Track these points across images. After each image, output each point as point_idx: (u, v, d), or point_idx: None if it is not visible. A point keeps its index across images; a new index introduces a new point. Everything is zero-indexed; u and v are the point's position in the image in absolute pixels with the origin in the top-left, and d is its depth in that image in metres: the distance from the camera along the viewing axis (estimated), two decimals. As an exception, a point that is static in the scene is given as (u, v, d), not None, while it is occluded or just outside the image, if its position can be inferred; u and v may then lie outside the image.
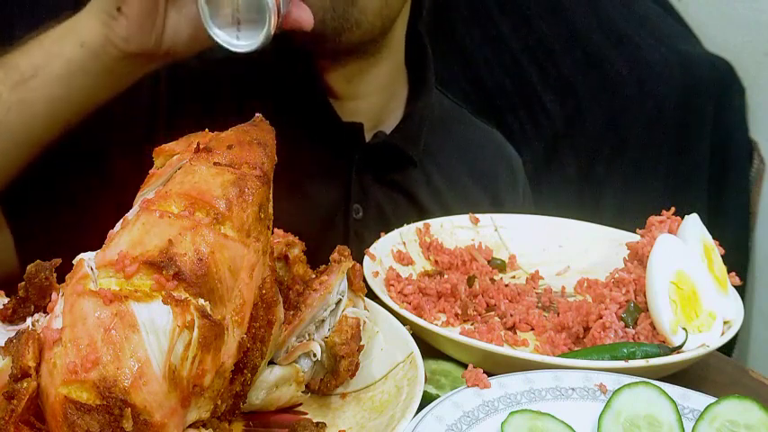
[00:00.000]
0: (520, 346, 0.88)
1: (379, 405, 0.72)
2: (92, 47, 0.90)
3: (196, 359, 0.56)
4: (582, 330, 0.88)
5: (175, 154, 0.67)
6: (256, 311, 0.63)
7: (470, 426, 0.68)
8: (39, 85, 0.91)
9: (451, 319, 0.93)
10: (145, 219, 0.60)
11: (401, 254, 1.04)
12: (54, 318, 0.57)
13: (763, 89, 2.13)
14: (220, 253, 0.59)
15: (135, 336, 0.54)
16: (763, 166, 2.15)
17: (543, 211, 1.19)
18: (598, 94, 2.09)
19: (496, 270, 1.06)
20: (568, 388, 0.74)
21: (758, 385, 0.88)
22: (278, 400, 0.72)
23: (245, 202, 0.62)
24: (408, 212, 1.18)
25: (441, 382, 0.80)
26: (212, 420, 0.61)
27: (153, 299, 0.56)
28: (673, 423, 0.69)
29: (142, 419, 0.54)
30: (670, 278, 0.86)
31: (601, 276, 1.00)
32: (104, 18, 0.89)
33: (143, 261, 0.57)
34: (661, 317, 0.84)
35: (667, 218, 0.97)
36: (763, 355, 2.13)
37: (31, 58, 0.92)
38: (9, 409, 0.53)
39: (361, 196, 1.18)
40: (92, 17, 0.90)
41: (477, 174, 1.32)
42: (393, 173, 1.22)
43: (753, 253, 2.18)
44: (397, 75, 1.26)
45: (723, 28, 2.18)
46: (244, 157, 0.64)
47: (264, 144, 0.67)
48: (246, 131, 0.68)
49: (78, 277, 0.58)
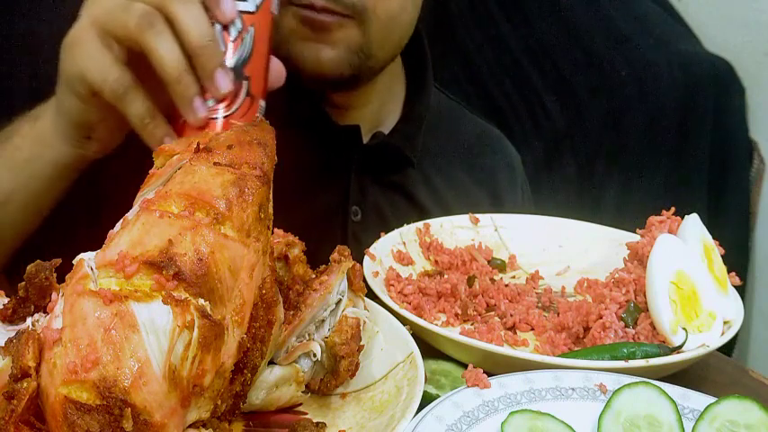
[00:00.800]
0: (520, 346, 0.88)
1: (379, 405, 0.72)
2: (65, 164, 0.89)
3: (196, 359, 0.56)
4: (582, 330, 0.88)
5: (175, 154, 0.67)
6: (256, 311, 0.63)
7: (470, 426, 0.68)
8: (12, 209, 0.92)
9: (451, 319, 0.93)
10: (145, 219, 0.60)
11: (401, 254, 1.04)
12: (54, 318, 0.57)
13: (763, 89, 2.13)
14: (220, 253, 0.59)
15: (135, 336, 0.54)
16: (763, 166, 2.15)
17: (543, 211, 1.19)
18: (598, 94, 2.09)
19: (496, 270, 1.06)
20: (568, 388, 0.74)
21: (758, 385, 0.88)
22: (278, 400, 0.72)
23: (245, 202, 0.62)
24: (408, 213, 1.18)
25: (441, 382, 0.80)
26: (212, 420, 0.61)
27: (153, 299, 0.56)
28: (673, 423, 0.69)
29: (142, 419, 0.54)
30: (670, 278, 0.86)
31: (601, 276, 1.00)
32: (74, 143, 0.87)
33: (143, 261, 0.57)
34: (661, 317, 0.84)
35: (667, 218, 0.97)
36: (763, 355, 2.13)
37: (1, 183, 0.91)
38: (9, 409, 0.53)
39: (360, 198, 1.18)
40: (60, 141, 0.87)
41: (476, 172, 1.32)
42: (392, 174, 1.22)
43: (753, 253, 2.18)
44: (394, 75, 1.26)
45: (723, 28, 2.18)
46: (244, 157, 0.64)
47: (264, 144, 0.67)
48: (246, 131, 0.68)
49: (78, 277, 0.58)
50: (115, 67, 0.77)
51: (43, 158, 0.89)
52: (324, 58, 1.03)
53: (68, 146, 0.87)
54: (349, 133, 1.16)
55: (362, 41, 1.03)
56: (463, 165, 1.31)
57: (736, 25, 2.15)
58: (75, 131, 0.86)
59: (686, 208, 0.98)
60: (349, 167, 1.17)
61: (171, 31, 0.75)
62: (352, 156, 1.17)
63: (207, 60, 0.75)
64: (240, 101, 0.79)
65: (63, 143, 0.87)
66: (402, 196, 1.22)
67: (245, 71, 0.79)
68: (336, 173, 1.17)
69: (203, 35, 0.74)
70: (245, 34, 0.78)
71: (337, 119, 1.16)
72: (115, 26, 0.77)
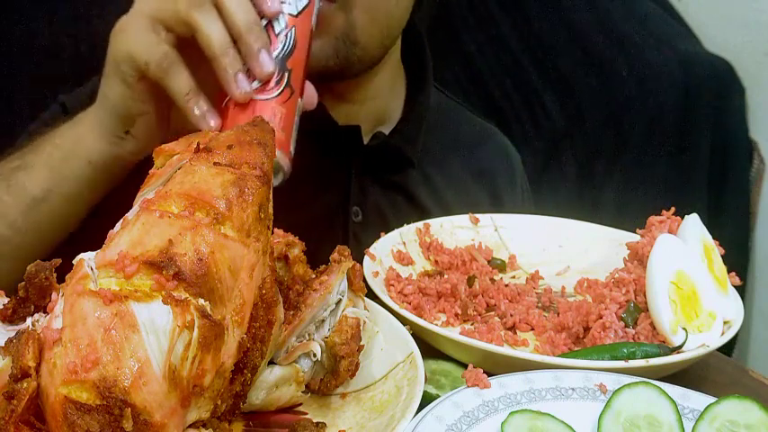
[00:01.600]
0: (520, 346, 0.88)
1: (379, 405, 0.72)
2: (100, 164, 0.89)
3: (196, 359, 0.56)
4: (582, 330, 0.88)
5: (175, 154, 0.67)
6: (256, 311, 0.63)
7: (470, 426, 0.68)
8: (50, 208, 0.92)
9: (451, 319, 0.93)
10: (145, 219, 0.60)
11: (401, 254, 1.04)
12: (54, 318, 0.57)
13: (763, 89, 2.13)
14: (220, 253, 0.59)
15: (135, 336, 0.54)
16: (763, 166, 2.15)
17: (543, 211, 1.19)
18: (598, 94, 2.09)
19: (496, 270, 1.06)
20: (568, 388, 0.74)
21: (758, 385, 0.88)
22: (278, 400, 0.72)
23: (245, 202, 0.62)
24: (408, 213, 1.18)
25: (441, 382, 0.80)
26: (212, 420, 0.61)
27: (153, 299, 0.56)
28: (673, 423, 0.69)
29: (142, 419, 0.54)
30: (670, 278, 0.86)
31: (601, 276, 1.00)
32: (112, 139, 0.88)
33: (143, 261, 0.57)
34: (661, 317, 0.84)
35: (667, 218, 0.97)
36: (763, 355, 2.13)
37: (39, 180, 0.91)
38: (9, 409, 0.53)
39: (361, 198, 1.18)
40: (97, 138, 0.88)
41: (475, 171, 1.32)
42: (392, 174, 1.22)
43: (753, 253, 2.18)
44: (395, 75, 1.26)
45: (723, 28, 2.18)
46: (244, 157, 0.64)
47: (264, 144, 0.67)
48: (246, 131, 0.68)
49: (78, 277, 0.58)
50: (162, 45, 0.80)
51: (79, 157, 0.89)
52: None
53: (104, 143, 0.88)
54: (349, 134, 1.16)
55: (346, 27, 1.03)
56: (463, 164, 1.31)
57: (736, 25, 2.15)
58: (114, 123, 0.87)
59: (686, 208, 0.98)
60: (350, 168, 1.17)
61: (218, 14, 0.79)
62: (353, 156, 1.17)
63: (253, 40, 0.78)
64: (282, 88, 0.81)
65: (99, 140, 0.88)
66: (403, 196, 1.22)
67: (288, 64, 0.82)
68: (337, 173, 1.17)
69: (249, 18, 0.79)
70: (288, 31, 0.82)
71: (338, 119, 1.16)
72: (164, 12, 0.81)
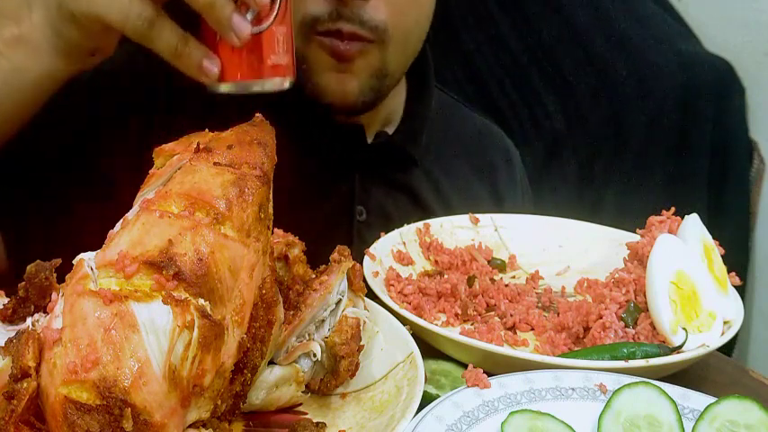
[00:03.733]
0: (520, 346, 0.88)
1: (379, 405, 0.72)
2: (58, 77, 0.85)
3: (196, 359, 0.56)
4: (582, 330, 0.88)
5: (175, 154, 0.67)
6: (256, 311, 0.63)
7: (470, 426, 0.68)
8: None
9: (451, 319, 0.93)
10: (145, 219, 0.60)
11: (401, 254, 1.04)
12: (54, 318, 0.57)
13: (763, 89, 2.13)
14: (220, 253, 0.59)
15: (135, 336, 0.54)
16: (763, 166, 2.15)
17: (543, 211, 1.19)
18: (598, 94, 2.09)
19: (496, 270, 1.06)
20: (568, 388, 0.74)
21: (758, 385, 0.88)
22: (278, 400, 0.72)
23: (245, 202, 0.62)
24: (411, 211, 1.18)
25: (441, 382, 0.80)
26: (212, 420, 0.61)
27: (153, 299, 0.56)
28: (673, 423, 0.69)
29: (142, 419, 0.54)
30: (670, 278, 0.86)
31: (601, 276, 1.00)
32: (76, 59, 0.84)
33: (143, 261, 0.57)
34: (661, 317, 0.84)
35: (667, 218, 0.97)
36: (763, 355, 2.13)
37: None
38: (9, 409, 0.53)
39: (365, 198, 1.18)
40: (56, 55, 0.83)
41: (476, 167, 1.32)
42: (396, 173, 1.22)
43: (753, 253, 2.18)
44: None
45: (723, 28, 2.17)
46: (244, 157, 0.64)
47: (264, 144, 0.67)
48: (246, 131, 0.68)
49: (78, 277, 0.58)
50: (135, 2, 0.74)
51: (33, 71, 0.84)
52: (348, 88, 1.05)
53: (66, 61, 0.83)
54: (353, 133, 1.16)
55: (381, 64, 1.05)
56: (464, 161, 1.31)
57: (736, 25, 2.15)
58: (78, 52, 0.83)
59: (686, 208, 0.98)
60: (353, 167, 1.17)
61: None
62: (357, 156, 1.17)
63: None
64: (277, 7, 0.78)
65: (58, 58, 0.83)
66: (407, 195, 1.23)
67: None
68: (341, 173, 1.17)
69: None
70: None
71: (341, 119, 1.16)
72: None
